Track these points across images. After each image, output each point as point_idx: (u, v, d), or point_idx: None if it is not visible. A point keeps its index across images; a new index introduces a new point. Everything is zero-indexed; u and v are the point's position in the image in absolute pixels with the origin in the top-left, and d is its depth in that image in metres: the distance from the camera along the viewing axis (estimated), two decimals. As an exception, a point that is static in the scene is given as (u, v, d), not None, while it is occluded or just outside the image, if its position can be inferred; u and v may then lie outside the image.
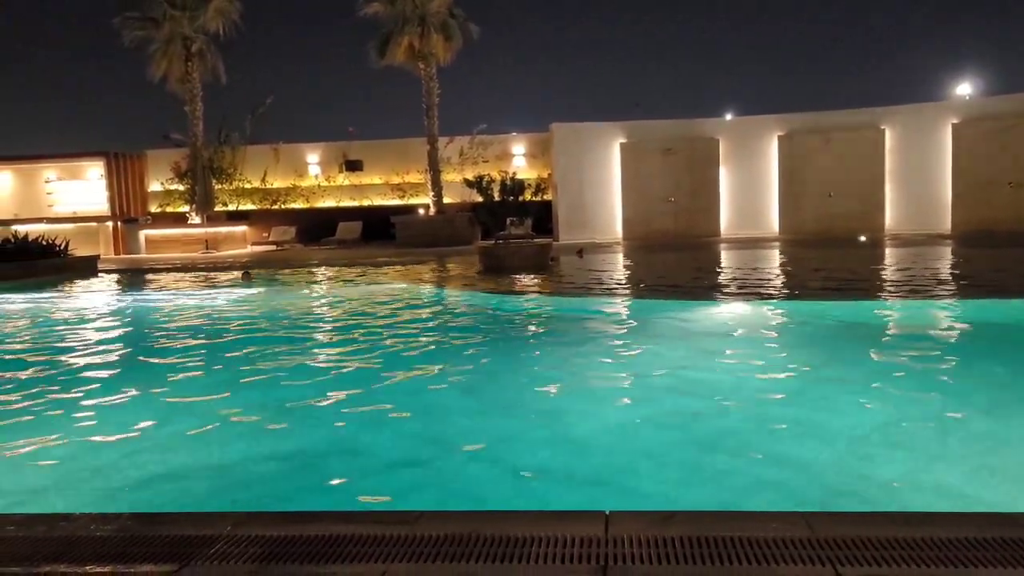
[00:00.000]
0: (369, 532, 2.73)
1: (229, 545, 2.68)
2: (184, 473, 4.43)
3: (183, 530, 2.83)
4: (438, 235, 23.85)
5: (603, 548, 2.55)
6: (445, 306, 11.52)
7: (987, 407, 5.14)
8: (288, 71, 63.75)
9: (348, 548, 2.62)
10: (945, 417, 4.98)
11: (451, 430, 5.07)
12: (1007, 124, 20.99)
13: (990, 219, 21.04)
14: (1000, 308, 8.96)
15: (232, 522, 2.88)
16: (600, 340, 8.11)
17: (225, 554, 2.61)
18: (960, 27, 67.97)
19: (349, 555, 2.57)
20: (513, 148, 27.22)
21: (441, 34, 25.30)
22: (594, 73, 69.54)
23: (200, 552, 2.63)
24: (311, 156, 27.68)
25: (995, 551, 2.42)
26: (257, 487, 4.20)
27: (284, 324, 9.84)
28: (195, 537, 2.75)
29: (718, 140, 23.99)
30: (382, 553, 2.57)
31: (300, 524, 2.86)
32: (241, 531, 2.79)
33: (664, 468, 4.26)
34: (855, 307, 9.33)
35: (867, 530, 2.62)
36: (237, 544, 2.68)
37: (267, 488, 4.19)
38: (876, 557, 2.42)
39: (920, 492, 3.81)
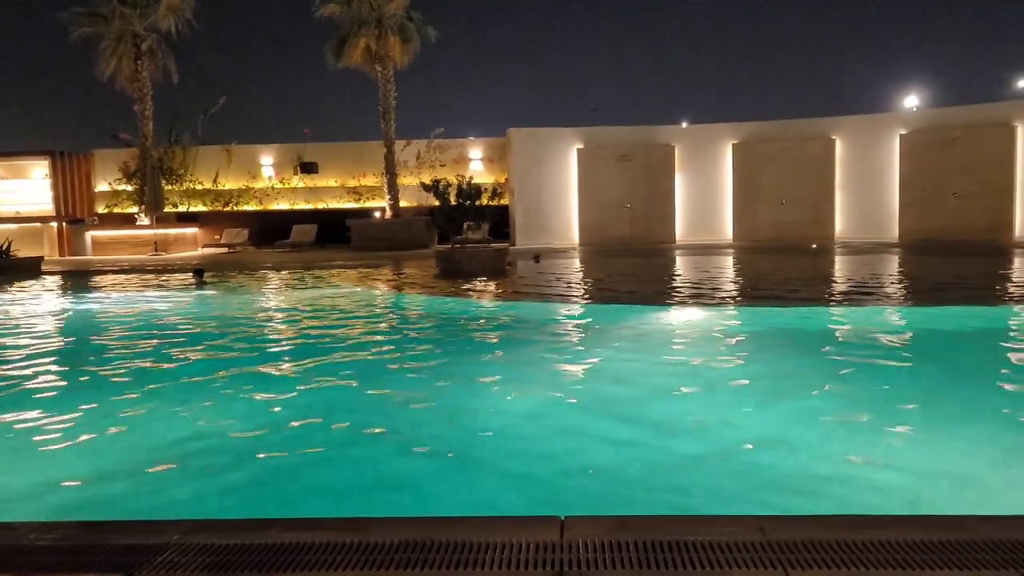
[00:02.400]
0: (322, 539, 2.69)
1: (178, 554, 2.61)
2: (128, 481, 4.32)
3: (129, 539, 2.76)
4: (394, 239, 23.72)
5: (558, 553, 2.55)
6: (400, 310, 11.46)
7: (918, 411, 5.26)
8: (242, 71, 62.91)
9: (300, 556, 2.57)
10: (884, 419, 5.09)
11: (402, 433, 5.04)
12: (952, 136, 21.57)
13: (936, 228, 21.58)
14: (943, 315, 9.21)
15: (181, 530, 2.82)
16: (553, 345, 8.14)
17: (174, 563, 2.54)
18: (909, 41, 69.67)
19: (301, 563, 2.53)
20: (470, 152, 27.20)
21: (398, 37, 25.21)
22: (552, 79, 69.79)
23: (147, 561, 2.56)
24: (265, 158, 27.34)
25: (944, 554, 2.47)
26: (202, 494, 4.12)
27: (233, 328, 9.69)
28: (142, 546, 2.68)
29: (674, 147, 24.25)
30: (335, 561, 2.53)
31: (252, 532, 2.80)
32: (191, 539, 2.73)
33: (609, 469, 4.29)
34: (801, 313, 9.51)
35: (819, 533, 2.65)
36: (186, 552, 2.62)
37: (213, 494, 4.11)
38: (827, 560, 2.45)
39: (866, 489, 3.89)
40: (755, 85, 73.30)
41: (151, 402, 5.97)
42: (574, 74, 69.19)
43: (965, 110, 22.35)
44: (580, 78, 70.05)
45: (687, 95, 73.27)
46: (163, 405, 5.85)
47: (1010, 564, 2.38)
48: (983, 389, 5.84)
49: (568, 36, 71.58)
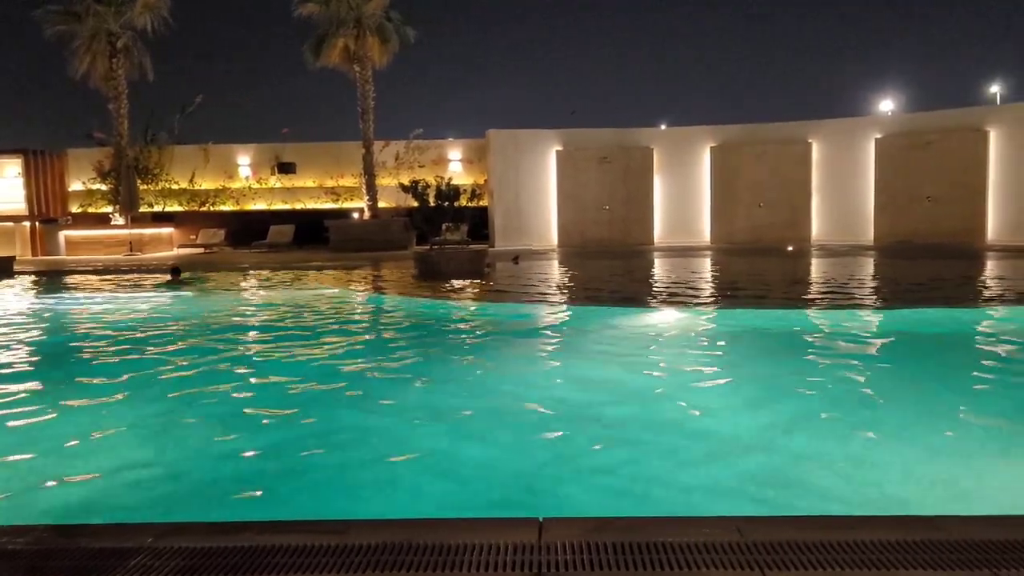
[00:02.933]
0: (299, 542, 2.67)
1: (151, 558, 2.58)
2: (103, 483, 4.27)
3: (102, 542, 2.72)
4: (373, 240, 23.61)
5: (537, 555, 2.55)
6: (378, 312, 11.42)
7: (889, 410, 5.31)
8: (220, 70, 62.44)
9: (277, 559, 2.55)
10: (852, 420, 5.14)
11: (377, 434, 5.02)
12: (926, 140, 21.81)
13: (909, 231, 21.80)
14: (917, 317, 9.32)
15: (154, 534, 2.78)
16: (532, 347, 8.14)
17: (147, 567, 2.51)
18: (885, 47, 70.39)
19: (278, 566, 2.50)
20: (449, 153, 27.15)
21: (377, 37, 25.11)
22: (532, 81, 69.80)
23: (120, 565, 2.53)
24: (242, 157, 27.12)
25: (918, 554, 2.49)
26: (178, 496, 4.08)
27: (209, 329, 9.61)
28: (115, 549, 2.65)
29: (652, 149, 24.34)
30: (312, 563, 2.51)
31: (226, 535, 2.77)
32: (164, 543, 2.69)
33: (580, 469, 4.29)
34: (777, 315, 9.59)
35: (795, 534, 2.66)
36: (159, 556, 2.59)
37: (188, 497, 4.07)
38: (803, 560, 2.46)
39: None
40: (734, 89, 73.72)
41: (124, 400, 5.90)
42: (555, 76, 69.30)
43: (939, 115, 22.61)
44: (561, 80, 70.18)
45: (666, 98, 73.60)
46: (135, 404, 5.79)
47: (983, 564, 2.41)
48: (954, 389, 5.91)
49: (549, 39, 71.73)
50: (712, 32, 73.70)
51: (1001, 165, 20.96)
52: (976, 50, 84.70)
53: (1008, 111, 22.44)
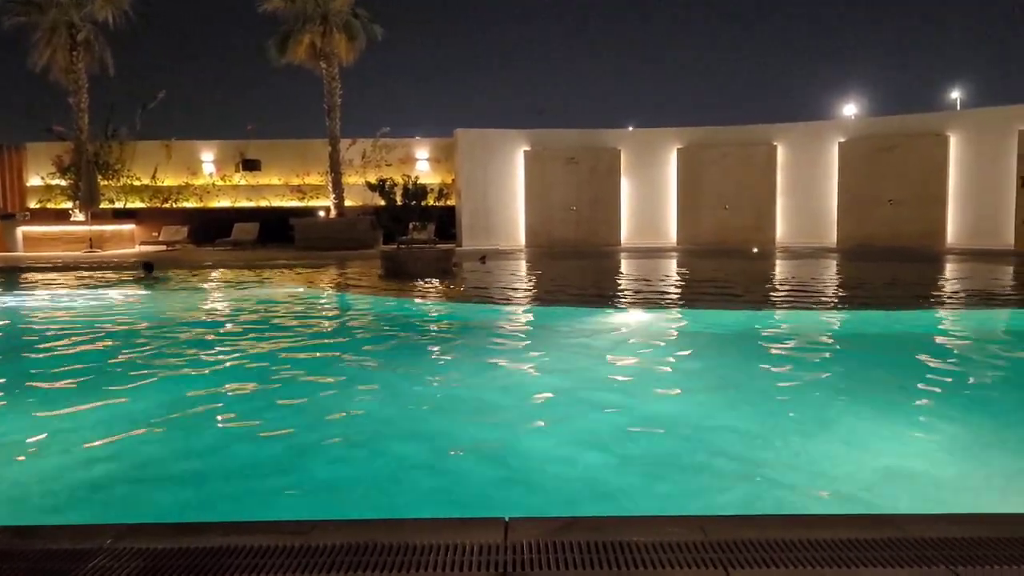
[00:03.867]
0: (261, 543, 2.64)
1: (110, 559, 2.54)
2: (63, 484, 4.19)
3: (59, 544, 2.67)
4: (339, 238, 23.45)
5: (502, 555, 2.54)
6: (344, 310, 11.35)
7: (849, 409, 5.39)
8: (184, 65, 61.59)
9: (239, 559, 2.52)
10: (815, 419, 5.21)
11: (342, 434, 4.98)
12: (888, 144, 22.16)
13: (872, 234, 22.13)
14: (878, 319, 9.47)
15: (113, 534, 2.74)
16: (498, 346, 8.15)
17: (105, 568, 2.47)
18: (850, 51, 71.44)
19: (240, 567, 2.47)
20: (417, 152, 27.04)
21: (344, 34, 24.92)
22: (500, 81, 69.74)
23: (78, 567, 2.48)
24: (206, 154, 26.77)
25: (877, 551, 2.53)
26: (140, 499, 4.02)
27: (169, 328, 9.48)
28: (72, 551, 2.60)
29: (619, 151, 24.46)
30: (275, 564, 2.48)
31: (188, 536, 2.73)
32: (123, 544, 2.65)
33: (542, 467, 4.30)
34: (742, 316, 9.69)
35: (758, 532, 2.69)
36: (118, 558, 2.54)
37: (149, 500, 4.01)
38: (766, 559, 2.48)
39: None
40: (701, 91, 74.31)
41: (88, 399, 5.80)
42: (524, 76, 69.38)
43: (901, 119, 22.99)
44: (529, 80, 70.26)
45: (634, 99, 74.01)
46: (99, 402, 5.70)
47: (940, 561, 2.45)
48: (914, 389, 6.01)
49: (518, 39, 71.78)
50: (680, 34, 74.34)
51: (960, 170, 21.37)
52: (938, 56, 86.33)
53: (968, 116, 22.89)
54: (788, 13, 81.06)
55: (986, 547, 2.55)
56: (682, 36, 72.95)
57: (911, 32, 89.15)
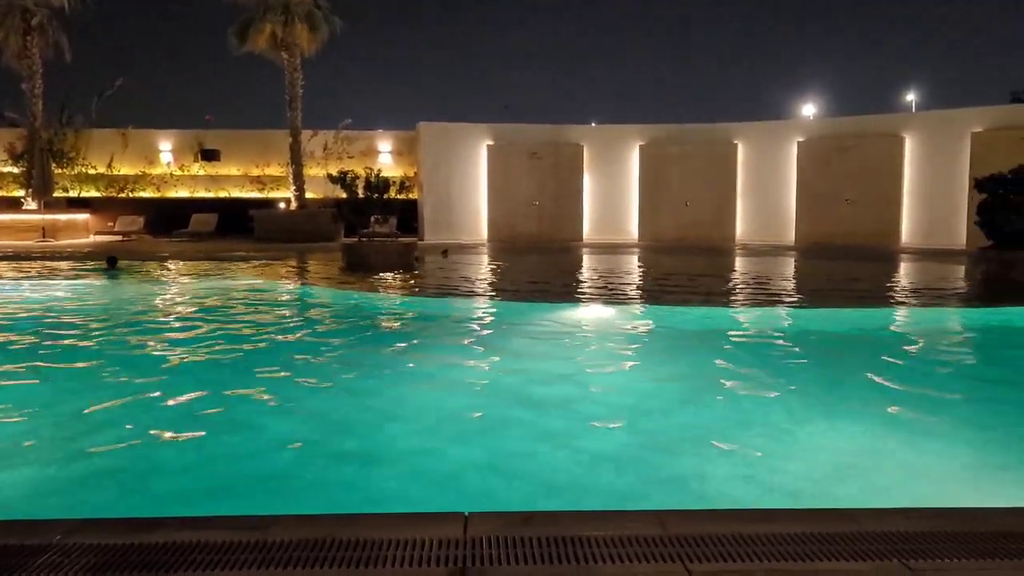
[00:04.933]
0: (217, 539, 2.60)
1: (59, 555, 2.48)
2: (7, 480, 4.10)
3: (6, 539, 2.61)
4: (299, 230, 23.20)
5: (462, 550, 2.53)
6: (303, 303, 11.24)
7: (800, 409, 5.47)
8: (142, 52, 60.43)
9: (194, 556, 2.48)
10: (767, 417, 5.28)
11: (302, 428, 4.94)
12: (845, 144, 22.51)
13: (829, 233, 22.48)
14: (833, 317, 9.63)
15: (63, 530, 2.68)
16: (458, 340, 8.14)
17: (55, 564, 2.41)
18: (809, 52, 72.45)
19: (195, 563, 2.43)
20: (379, 145, 26.87)
21: (306, 24, 24.62)
22: (462, 74, 69.58)
23: (26, 563, 2.42)
24: (163, 143, 26.31)
25: (833, 545, 2.57)
26: (89, 495, 3.94)
27: (122, 320, 9.31)
28: (21, 547, 2.54)
29: (582, 146, 24.53)
30: (231, 560, 2.45)
31: (141, 531, 2.68)
32: (74, 540, 2.59)
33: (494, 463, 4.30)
34: (700, 313, 9.79)
35: (716, 527, 2.72)
36: (68, 554, 2.49)
37: (101, 495, 3.94)
38: (724, 553, 2.51)
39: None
40: (664, 89, 74.88)
41: (41, 396, 5.68)
42: (487, 70, 69.29)
43: (858, 120, 23.37)
44: (493, 74, 70.20)
45: (597, 95, 74.37)
46: (52, 399, 5.58)
47: (893, 554, 2.50)
48: (866, 384, 6.12)
49: (481, 32, 71.67)
50: (643, 32, 74.87)
51: (915, 170, 21.79)
52: (894, 58, 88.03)
53: (923, 118, 23.31)
54: (749, 14, 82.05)
55: (938, 541, 2.60)
56: (645, 34, 73.49)
57: (869, 34, 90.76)
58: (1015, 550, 2.53)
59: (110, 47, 50.46)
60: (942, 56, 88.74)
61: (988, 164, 15.49)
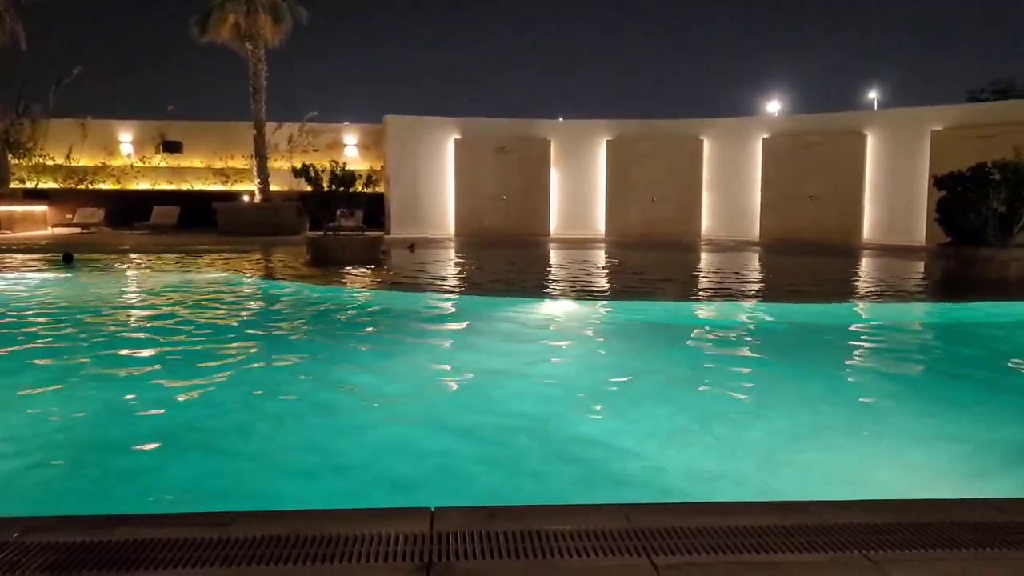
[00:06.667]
0: (179, 535, 2.56)
1: (17, 553, 2.43)
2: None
3: (-38, 539, 2.55)
4: (263, 224, 22.97)
5: (427, 545, 2.53)
6: (268, 298, 11.12)
7: (762, 402, 5.55)
8: (102, 41, 59.31)
9: (156, 553, 2.45)
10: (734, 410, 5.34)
11: (265, 425, 4.89)
12: (809, 141, 22.80)
13: (793, 228, 22.76)
14: (799, 311, 9.75)
15: (21, 528, 2.62)
16: (424, 335, 8.14)
17: (12, 563, 2.36)
18: (774, 49, 73.20)
19: (157, 560, 2.40)
20: (345, 138, 26.67)
21: (270, 15, 24.33)
22: (430, 67, 69.25)
23: (-19, 563, 2.37)
24: (124, 134, 25.87)
25: (793, 537, 2.60)
26: (45, 491, 3.87)
27: (83, 315, 9.15)
28: (-24, 546, 2.48)
29: (550, 141, 24.56)
30: (193, 558, 2.42)
31: (102, 529, 2.64)
32: (32, 538, 2.54)
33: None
34: (667, 307, 9.87)
35: (681, 520, 2.74)
36: (26, 552, 2.44)
37: (58, 493, 3.87)
38: (688, 546, 2.53)
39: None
40: (631, 83, 75.21)
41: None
42: (454, 64, 69.08)
43: (822, 117, 23.69)
44: (459, 68, 69.97)
45: (565, 90, 74.50)
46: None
47: (852, 546, 2.54)
48: (827, 379, 6.21)
49: (448, 25, 71.40)
50: (612, 28, 75.16)
51: (877, 168, 22.14)
52: (857, 56, 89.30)
53: (885, 116, 23.68)
54: (717, 11, 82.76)
55: (897, 532, 2.65)
56: (612, 30, 73.77)
57: (832, 32, 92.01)
58: (972, 540, 2.59)
59: (68, 35, 49.42)
60: (903, 55, 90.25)
61: (947, 162, 15.76)
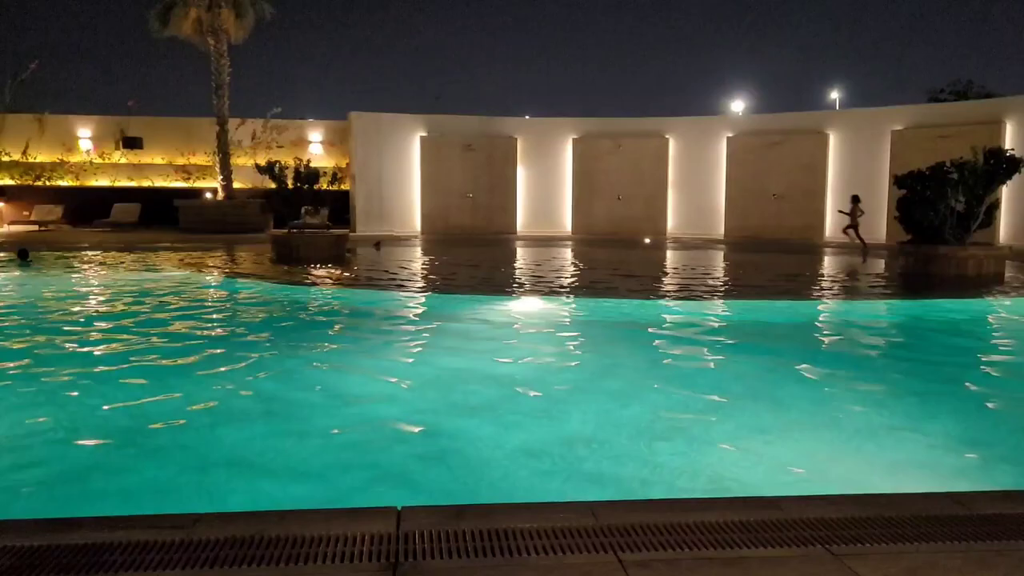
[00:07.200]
0: (140, 538, 2.52)
1: (-31, 560, 2.36)
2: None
3: (-88, 545, 2.47)
4: (226, 221, 22.69)
5: (394, 545, 2.51)
6: (231, 296, 10.99)
7: (729, 394, 5.60)
8: (60, 35, 58.19)
9: (115, 556, 2.40)
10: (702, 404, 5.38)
11: (228, 425, 4.83)
12: (772, 140, 23.05)
13: (757, 227, 23.00)
14: (763, 307, 9.86)
15: (-26, 533, 2.55)
16: (390, 334, 8.10)
17: (-36, 570, 2.30)
18: (737, 50, 73.93)
19: (116, 564, 2.35)
20: (310, 135, 26.43)
21: (232, 10, 24.03)
22: (395, 65, 68.89)
23: (-67, 569, 2.30)
24: (83, 130, 25.37)
25: (758, 532, 2.63)
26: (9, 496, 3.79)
27: (37, 314, 8.97)
28: (-73, 552, 2.41)
29: (516, 139, 24.55)
30: (154, 560, 2.38)
31: (59, 532, 2.58)
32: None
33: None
34: (633, 305, 9.92)
35: (648, 516, 2.75)
36: (-22, 558, 2.38)
37: (19, 496, 3.78)
38: (655, 542, 2.54)
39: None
40: (598, 81, 75.45)
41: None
42: (419, 61, 68.83)
43: (784, 117, 23.96)
44: (425, 65, 69.74)
45: (530, 88, 74.58)
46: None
47: (817, 540, 2.57)
48: (790, 374, 6.28)
49: (414, 21, 71.12)
50: (578, 26, 75.38)
51: (838, 167, 22.44)
52: (819, 57, 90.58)
53: (846, 116, 24.01)
54: (682, 9, 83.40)
55: (859, 526, 2.68)
56: (579, 28, 74.02)
57: (797, 32, 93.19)
58: (932, 533, 2.63)
59: (25, 28, 48.41)
60: (864, 56, 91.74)
61: (907, 161, 16.07)
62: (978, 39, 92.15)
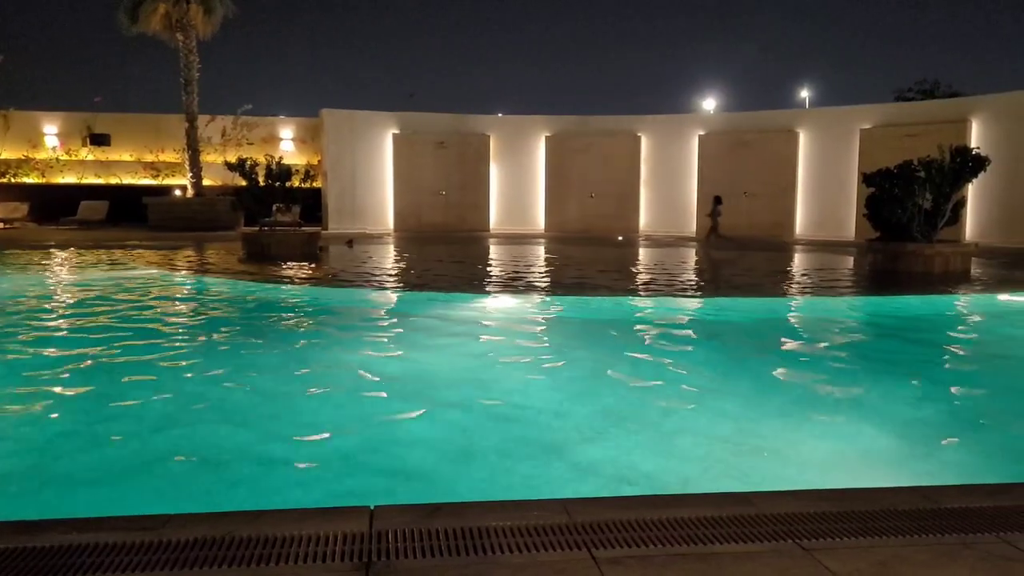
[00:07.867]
0: (109, 540, 2.49)
1: (-67, 564, 2.32)
2: None
3: None
4: (196, 219, 22.45)
5: (367, 544, 2.50)
6: (200, 295, 10.88)
7: (704, 389, 5.65)
8: (25, 29, 57.21)
9: (84, 558, 2.37)
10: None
11: (199, 425, 4.78)
12: (744, 138, 23.21)
13: (728, 225, 23.05)
14: (736, 304, 9.95)
15: (-62, 537, 2.51)
16: (362, 332, 8.07)
17: (-73, 575, 2.26)
18: (708, 48, 74.50)
19: (85, 566, 2.32)
20: (281, 132, 26.22)
21: (201, 6, 23.77)
22: (367, 61, 68.57)
23: None
24: (48, 126, 24.96)
25: (730, 528, 2.65)
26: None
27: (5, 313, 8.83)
28: None
29: (489, 136, 24.53)
30: (124, 562, 2.35)
31: (25, 534, 2.55)
32: (-51, 547, 2.43)
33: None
34: (606, 302, 9.96)
35: (621, 513, 2.76)
36: (-57, 562, 2.33)
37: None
38: (629, 539, 2.55)
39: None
40: (570, 79, 75.65)
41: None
42: (393, 57, 68.58)
43: (756, 115, 24.15)
44: (398, 62, 69.54)
45: (504, 85, 74.64)
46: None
47: (787, 535, 2.59)
48: (764, 369, 6.34)
49: (386, 18, 70.86)
50: (549, 24, 75.59)
51: (808, 165, 22.66)
52: (789, 56, 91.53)
53: (816, 115, 24.24)
54: (654, 8, 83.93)
55: (829, 521, 2.71)
56: (550, 25, 74.24)
57: (765, 32, 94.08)
58: (901, 527, 2.67)
59: (-11, 23, 47.60)
60: (833, 55, 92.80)
61: (875, 159, 16.25)
62: (945, 39, 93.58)
